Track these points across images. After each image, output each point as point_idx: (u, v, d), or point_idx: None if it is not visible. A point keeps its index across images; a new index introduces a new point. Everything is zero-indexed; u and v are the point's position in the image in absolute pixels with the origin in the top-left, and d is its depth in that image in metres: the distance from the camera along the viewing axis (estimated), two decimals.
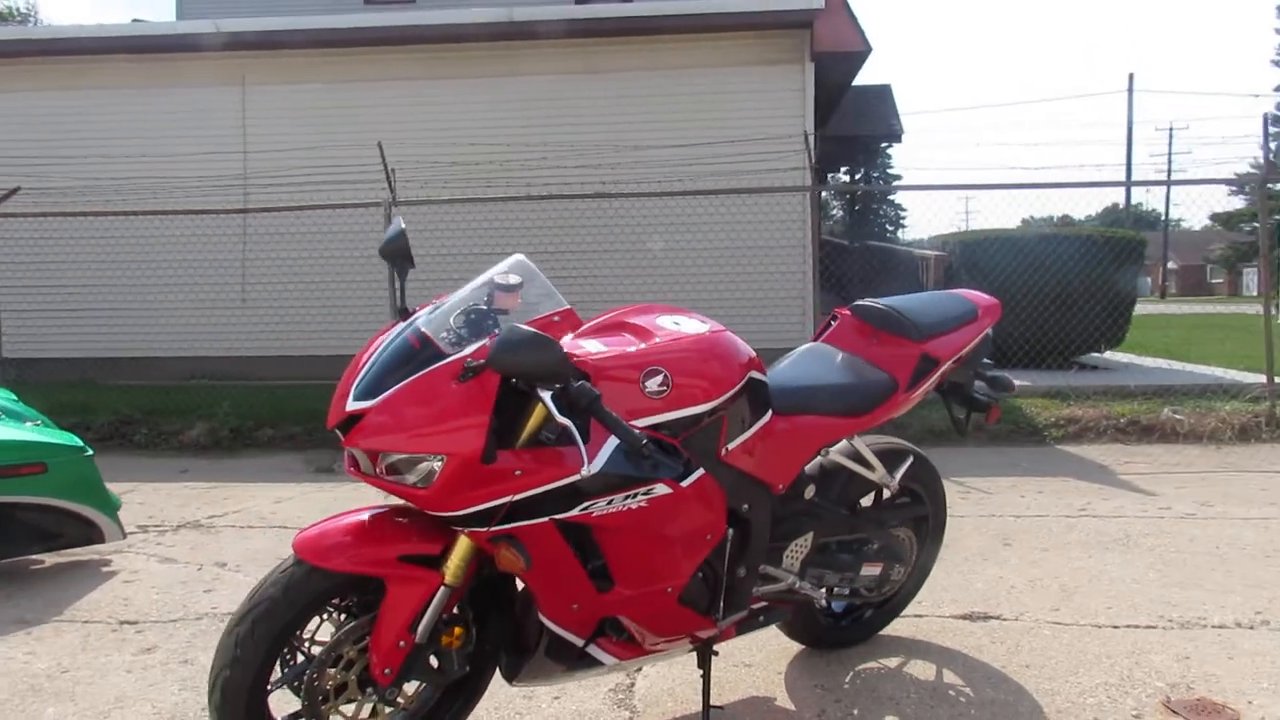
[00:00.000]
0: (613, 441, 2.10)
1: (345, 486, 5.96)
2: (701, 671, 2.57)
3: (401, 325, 2.17)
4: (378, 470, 2.03)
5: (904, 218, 53.00)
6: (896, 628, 3.24)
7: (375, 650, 2.08)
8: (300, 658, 2.14)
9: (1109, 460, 6.30)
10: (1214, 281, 60.27)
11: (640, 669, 2.96)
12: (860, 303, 2.90)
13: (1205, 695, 2.72)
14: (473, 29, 9.40)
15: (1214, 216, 54.89)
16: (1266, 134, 7.16)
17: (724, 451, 2.36)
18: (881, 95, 14.76)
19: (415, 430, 1.95)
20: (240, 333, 10.29)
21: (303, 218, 9.40)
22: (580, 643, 2.25)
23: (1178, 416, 7.24)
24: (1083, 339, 9.58)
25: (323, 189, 9.17)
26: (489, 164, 8.98)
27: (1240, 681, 2.81)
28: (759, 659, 3.06)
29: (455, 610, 2.21)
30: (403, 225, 2.34)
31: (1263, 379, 7.69)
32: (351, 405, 2.01)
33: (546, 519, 2.06)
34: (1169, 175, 47.29)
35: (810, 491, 2.71)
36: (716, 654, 2.64)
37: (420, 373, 1.99)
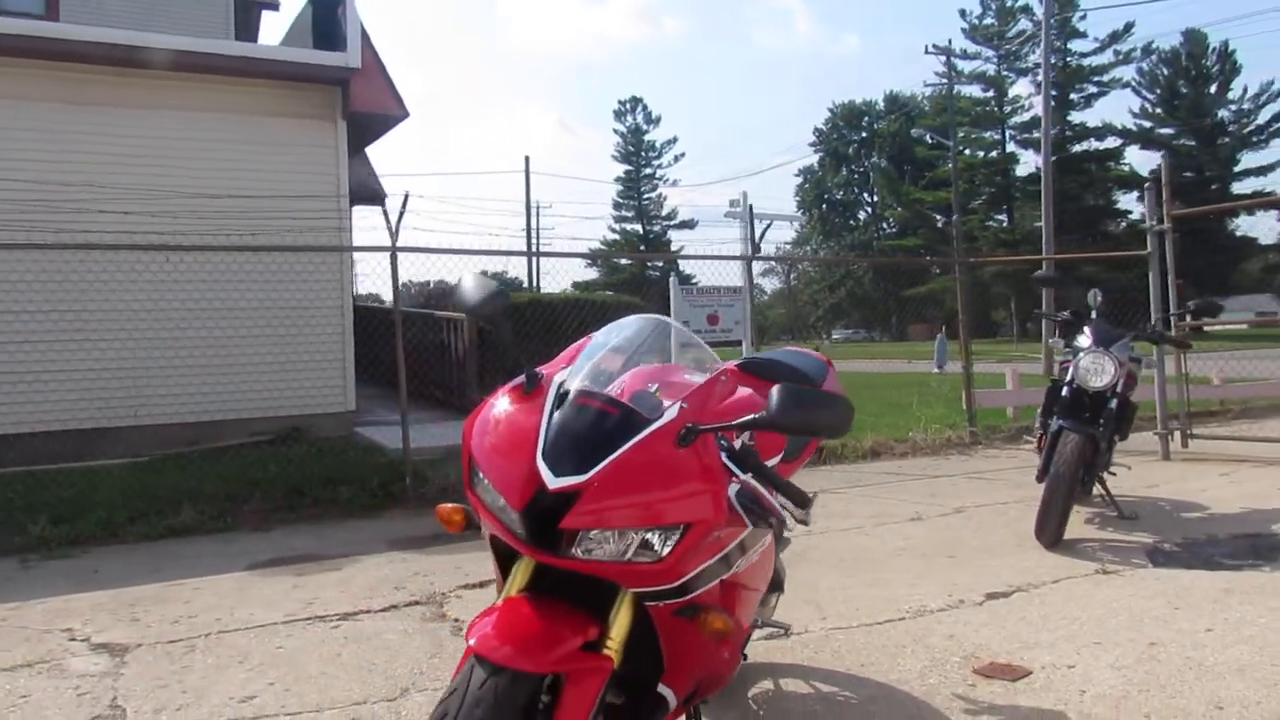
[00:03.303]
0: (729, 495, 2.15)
1: None
2: None
3: (554, 390, 1.97)
4: (575, 549, 1.83)
5: None
6: None
7: None
8: None
9: None
10: None
11: None
12: (752, 358, 3.20)
13: (995, 659, 3.49)
14: None
15: (575, 284, 64.04)
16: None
17: None
18: (360, 158, 14.79)
19: (656, 500, 1.81)
20: None
21: None
22: (675, 706, 2.21)
23: None
24: None
25: None
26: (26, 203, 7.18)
27: (1003, 645, 3.63)
28: None
29: None
30: (499, 286, 2.12)
31: None
32: (557, 482, 1.79)
33: (716, 581, 2.04)
34: (536, 246, 53.48)
35: None
36: (706, 701, 2.71)
37: (636, 439, 1.85)
